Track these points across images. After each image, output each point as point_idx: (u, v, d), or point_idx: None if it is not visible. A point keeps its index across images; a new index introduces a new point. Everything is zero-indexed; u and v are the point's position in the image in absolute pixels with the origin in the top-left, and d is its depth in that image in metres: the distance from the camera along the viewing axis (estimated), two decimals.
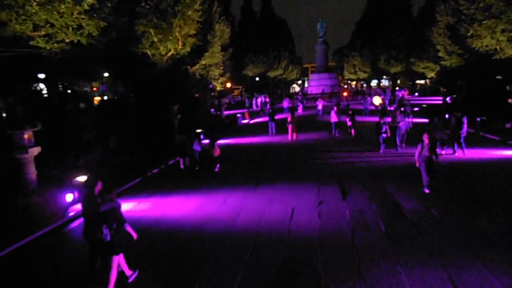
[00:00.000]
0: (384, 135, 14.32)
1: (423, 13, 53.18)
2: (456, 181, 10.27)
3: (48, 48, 13.22)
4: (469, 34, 22.19)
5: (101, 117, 19.78)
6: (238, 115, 31.61)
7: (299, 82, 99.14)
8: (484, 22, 20.78)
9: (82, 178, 10.98)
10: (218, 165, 13.46)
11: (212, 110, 39.06)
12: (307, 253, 6.50)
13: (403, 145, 15.32)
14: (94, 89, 41.18)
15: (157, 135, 19.72)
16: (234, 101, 64.07)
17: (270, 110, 22.11)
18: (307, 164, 13.73)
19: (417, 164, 9.46)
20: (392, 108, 24.29)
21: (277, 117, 24.77)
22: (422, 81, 76.84)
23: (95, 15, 13.52)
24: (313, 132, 21.99)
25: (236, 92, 76.91)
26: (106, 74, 34.71)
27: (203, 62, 30.89)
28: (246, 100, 48.80)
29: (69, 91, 30.06)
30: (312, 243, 6.86)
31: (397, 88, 65.74)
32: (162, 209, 9.50)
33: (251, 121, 31.81)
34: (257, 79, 66.91)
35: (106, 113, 21.00)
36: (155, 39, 21.86)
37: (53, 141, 12.44)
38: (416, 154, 9.39)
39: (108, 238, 5.27)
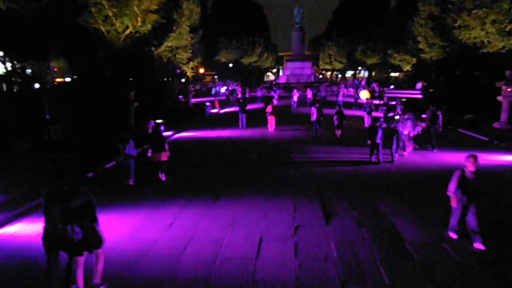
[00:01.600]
0: (379, 140, 11.50)
1: (402, 3, 51.88)
2: None
3: None
4: (456, 25, 20.60)
5: (40, 103, 16.75)
6: (207, 103, 29.01)
7: (274, 70, 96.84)
8: (474, 11, 19.23)
9: None
10: (163, 174, 10.33)
11: (181, 97, 36.28)
12: None
13: (402, 152, 12.64)
14: (55, 69, 37.13)
15: (107, 127, 16.93)
16: (206, 88, 61.01)
17: (241, 100, 19.64)
18: (280, 168, 11.52)
19: (452, 203, 6.19)
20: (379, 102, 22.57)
21: (249, 107, 22.52)
22: (396, 74, 76.74)
23: None
24: (289, 127, 19.80)
25: (208, 79, 73.63)
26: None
27: (169, 44, 27.95)
28: (217, 87, 45.97)
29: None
30: None
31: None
32: None
33: (221, 111, 29.32)
34: (230, 65, 64.03)
35: (50, 98, 17.94)
36: (109, 13, 18.86)
37: None
38: (452, 187, 6.12)
39: (80, 236, 4.61)
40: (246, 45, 62.96)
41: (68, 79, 36.87)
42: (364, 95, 22.81)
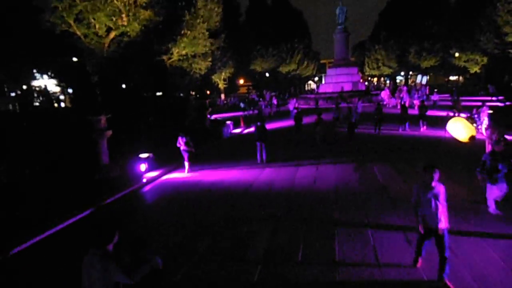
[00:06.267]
0: None
1: None
2: None
3: None
4: None
5: None
6: (228, 121, 23.52)
7: (316, 78, 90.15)
8: None
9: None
10: None
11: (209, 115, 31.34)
12: None
13: None
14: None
15: (71, 167, 11.84)
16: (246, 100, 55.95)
17: (258, 123, 13.35)
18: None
19: None
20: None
21: (276, 125, 16.51)
22: (455, 78, 67.05)
23: None
24: (332, 162, 12.99)
25: (243, 90, 68.69)
26: None
27: (183, 52, 22.97)
28: (243, 102, 40.75)
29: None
30: None
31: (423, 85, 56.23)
32: None
33: (245, 131, 23.59)
34: (267, 75, 58.54)
35: None
36: (81, 8, 14.10)
37: None
38: None
39: None
40: (284, 53, 57.37)
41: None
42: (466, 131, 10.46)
